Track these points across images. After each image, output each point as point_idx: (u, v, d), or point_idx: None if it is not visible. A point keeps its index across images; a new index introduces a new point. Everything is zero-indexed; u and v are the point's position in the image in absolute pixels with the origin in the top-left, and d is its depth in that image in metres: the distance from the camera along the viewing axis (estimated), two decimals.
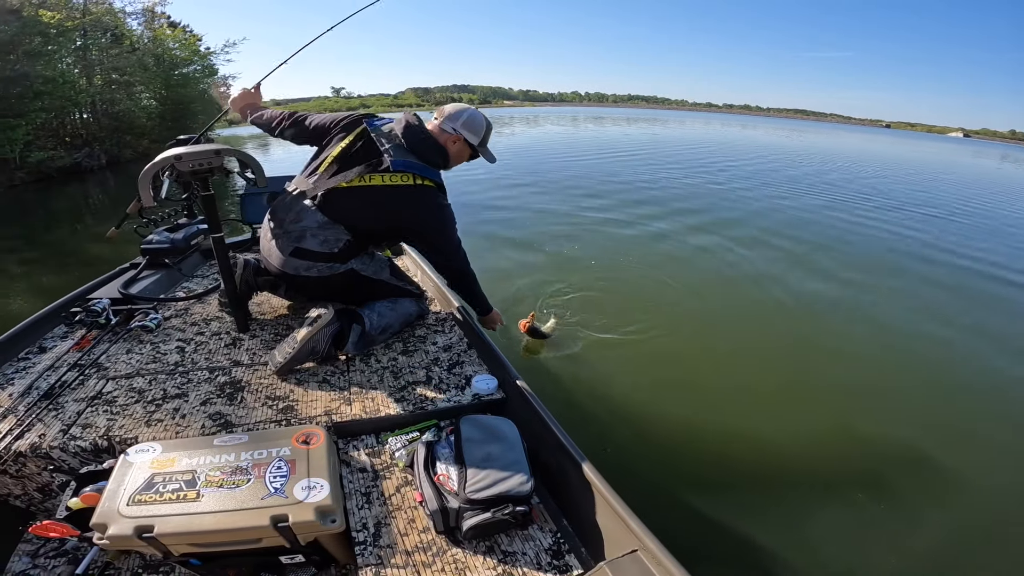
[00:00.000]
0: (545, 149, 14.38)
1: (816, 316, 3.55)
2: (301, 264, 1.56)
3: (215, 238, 1.54)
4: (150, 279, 2.04)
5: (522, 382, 1.33)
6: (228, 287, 1.62)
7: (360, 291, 1.67)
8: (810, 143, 25.35)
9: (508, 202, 6.62)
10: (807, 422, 2.34)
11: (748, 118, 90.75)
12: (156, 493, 0.94)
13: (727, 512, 1.77)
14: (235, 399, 1.33)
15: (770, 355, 2.95)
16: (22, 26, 12.37)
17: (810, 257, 4.88)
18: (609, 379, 2.51)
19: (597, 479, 1.01)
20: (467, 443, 1.10)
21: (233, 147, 1.49)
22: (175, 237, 2.22)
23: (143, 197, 1.41)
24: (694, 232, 5.55)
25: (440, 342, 1.67)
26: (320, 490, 0.95)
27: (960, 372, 2.96)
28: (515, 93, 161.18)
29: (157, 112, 17.97)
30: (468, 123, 1.63)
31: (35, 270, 5.15)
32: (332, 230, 1.53)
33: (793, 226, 6.11)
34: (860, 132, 59.09)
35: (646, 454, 2.03)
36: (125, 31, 17.53)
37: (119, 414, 1.27)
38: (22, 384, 1.38)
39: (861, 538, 1.72)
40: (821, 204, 7.80)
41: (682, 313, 3.44)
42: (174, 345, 1.61)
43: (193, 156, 1.38)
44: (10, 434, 1.17)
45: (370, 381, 1.44)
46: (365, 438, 1.28)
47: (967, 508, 1.93)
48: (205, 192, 1.51)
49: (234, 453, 1.02)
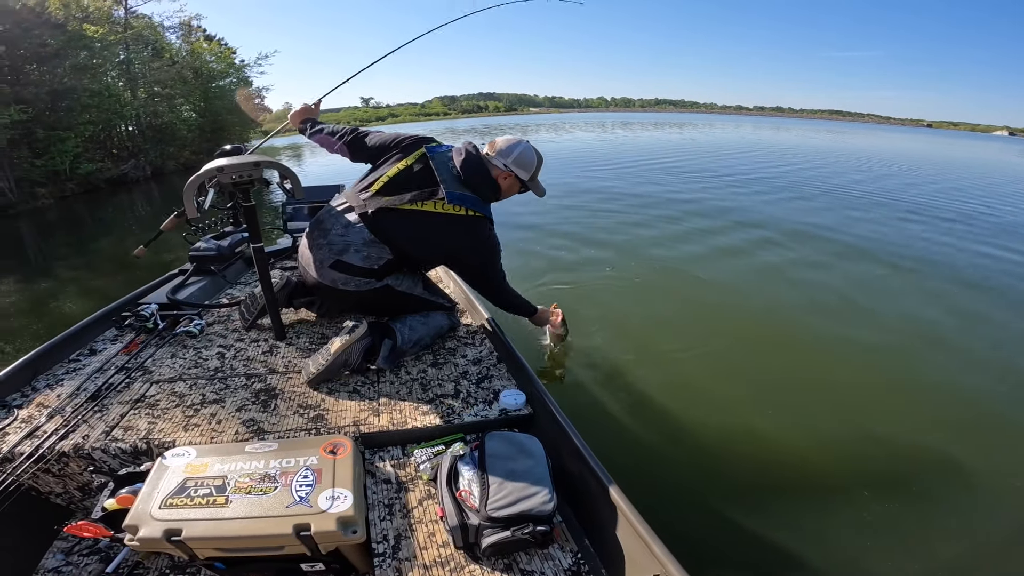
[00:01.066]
0: (581, 157, 14.07)
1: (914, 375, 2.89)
2: (339, 277, 1.58)
3: (255, 248, 1.60)
4: (196, 285, 2.12)
5: (550, 398, 1.33)
6: (267, 295, 1.67)
7: (393, 305, 1.69)
8: (855, 145, 24.15)
9: (548, 218, 6.42)
10: (859, 458, 2.14)
11: (781, 120, 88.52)
12: (187, 497, 0.97)
13: (755, 541, 1.69)
14: (269, 406, 1.37)
15: (828, 391, 2.64)
16: (67, 40, 13.07)
17: (908, 286, 4.25)
18: (640, 397, 2.43)
19: (621, 499, 0.99)
20: (491, 459, 1.10)
21: (272, 159, 1.55)
22: (221, 244, 2.31)
23: (188, 208, 1.48)
24: (742, 247, 5.14)
25: (470, 355, 1.67)
26: (343, 500, 0.96)
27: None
28: (541, 100, 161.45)
29: (196, 124, 18.70)
30: (519, 160, 1.65)
31: (84, 276, 5.44)
32: (376, 248, 1.56)
33: (871, 244, 5.39)
34: (901, 132, 56.59)
35: (674, 476, 1.96)
36: (164, 44, 18.38)
37: (159, 418, 1.31)
38: (71, 385, 1.45)
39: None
40: (894, 216, 6.91)
41: (726, 333, 3.22)
42: (215, 351, 1.67)
43: (234, 168, 1.44)
44: (55, 434, 1.22)
45: (399, 392, 1.45)
46: (391, 449, 1.29)
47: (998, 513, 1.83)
48: (246, 203, 1.57)
49: (264, 460, 1.05)
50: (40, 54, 12.33)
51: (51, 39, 12.49)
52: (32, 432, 1.24)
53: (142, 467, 1.12)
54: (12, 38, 11.43)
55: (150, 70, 16.87)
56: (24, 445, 1.20)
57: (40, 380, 1.50)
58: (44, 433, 1.23)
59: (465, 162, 1.60)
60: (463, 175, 1.58)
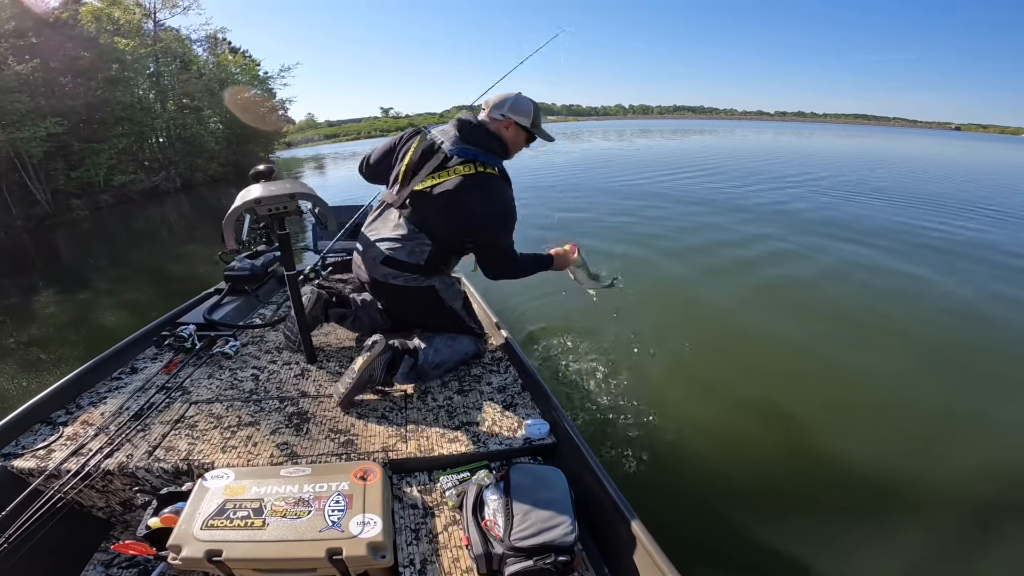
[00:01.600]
0: (598, 167, 13.97)
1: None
2: (390, 272, 1.66)
3: (289, 275, 1.64)
4: (231, 305, 2.19)
5: (572, 428, 1.34)
6: (300, 321, 1.71)
7: (432, 313, 1.74)
8: (887, 150, 23.66)
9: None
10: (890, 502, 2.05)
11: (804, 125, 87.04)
12: (227, 519, 1.02)
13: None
14: (301, 430, 1.41)
15: (872, 427, 2.51)
16: (99, 52, 13.51)
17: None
18: (665, 427, 2.40)
19: (641, 530, 1.01)
20: (516, 490, 1.12)
21: (307, 191, 1.58)
22: (255, 264, 2.37)
23: (227, 240, 1.55)
24: (779, 261, 5.00)
25: (495, 382, 1.70)
26: (373, 526, 1.00)
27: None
28: (558, 108, 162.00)
29: (223, 136, 19.20)
30: (515, 107, 1.64)
31: (119, 288, 5.62)
32: (418, 241, 1.63)
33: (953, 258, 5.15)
34: (929, 136, 54.91)
35: (693, 505, 1.95)
36: (192, 57, 18.94)
37: (199, 439, 1.36)
38: (114, 403, 1.51)
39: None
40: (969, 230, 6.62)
41: (751, 359, 3.12)
42: (249, 372, 1.72)
43: (271, 200, 1.50)
44: (100, 452, 1.27)
45: (426, 419, 1.48)
46: (418, 475, 1.31)
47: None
48: (281, 231, 1.62)
49: (298, 485, 1.09)
50: (74, 67, 12.79)
51: (84, 52, 12.97)
52: (78, 449, 1.29)
53: (183, 487, 1.17)
54: (46, 51, 11.83)
55: (178, 82, 17.40)
56: (71, 462, 1.24)
57: (84, 397, 1.55)
58: (90, 451, 1.28)
59: (460, 125, 1.63)
60: (461, 135, 1.61)
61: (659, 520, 1.14)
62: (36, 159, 10.99)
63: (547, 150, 17.48)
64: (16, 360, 3.72)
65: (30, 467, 1.25)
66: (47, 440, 1.35)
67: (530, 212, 6.75)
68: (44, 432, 1.39)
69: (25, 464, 1.25)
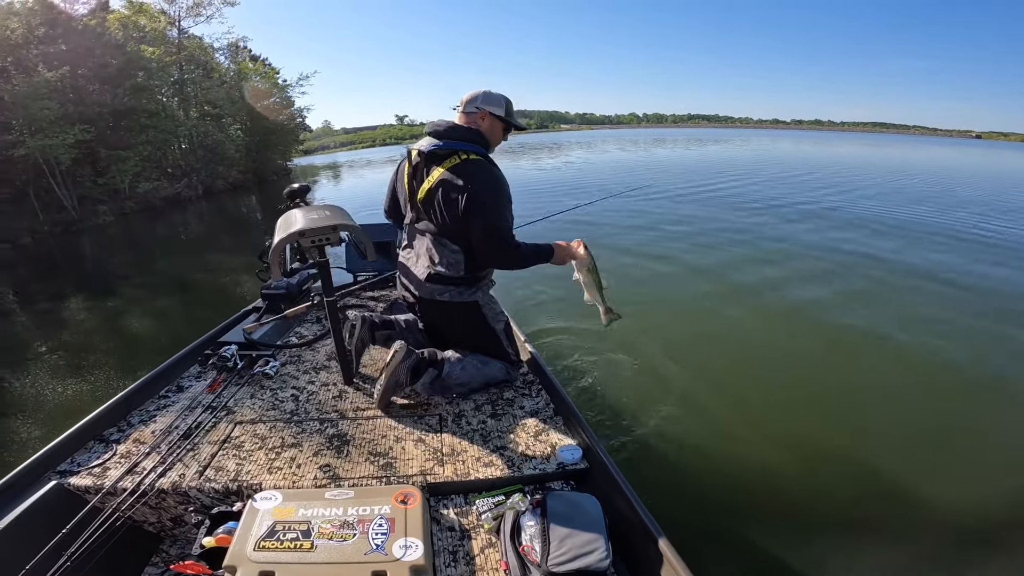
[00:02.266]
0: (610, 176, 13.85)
1: None
2: (436, 288, 1.71)
3: (328, 301, 1.70)
4: (269, 324, 2.23)
5: (605, 453, 1.36)
6: (338, 344, 1.76)
7: (474, 331, 1.79)
8: (917, 159, 23.09)
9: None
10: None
11: (821, 133, 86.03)
12: (277, 540, 1.05)
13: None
14: (342, 452, 1.46)
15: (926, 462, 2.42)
16: (127, 60, 13.83)
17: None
18: (700, 451, 2.38)
19: (672, 556, 1.03)
20: (552, 517, 1.15)
21: (350, 223, 1.63)
22: (291, 283, 2.43)
23: (274, 272, 1.62)
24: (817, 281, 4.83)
25: (527, 406, 1.72)
26: (415, 550, 1.03)
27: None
28: (572, 117, 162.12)
29: (243, 143, 19.52)
30: (487, 99, 1.71)
31: (147, 296, 5.79)
32: (449, 251, 1.68)
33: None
34: (949, 144, 53.81)
35: (725, 529, 1.96)
36: (214, 64, 19.34)
37: (245, 459, 1.42)
38: (163, 422, 1.57)
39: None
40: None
41: (800, 385, 3.07)
42: (289, 393, 1.78)
43: (314, 232, 1.56)
44: (154, 471, 1.33)
45: (461, 443, 1.51)
46: (455, 498, 1.34)
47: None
48: (321, 259, 1.67)
49: (342, 508, 1.14)
50: (102, 74, 13.10)
51: (112, 59, 13.26)
52: (132, 468, 1.35)
53: (234, 507, 1.23)
54: (75, 58, 12.16)
55: (201, 90, 17.72)
56: (126, 480, 1.30)
57: (134, 415, 1.61)
58: (143, 469, 1.34)
59: (433, 130, 1.70)
60: (437, 137, 1.68)
61: (691, 544, 1.17)
62: (64, 165, 11.27)
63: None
64: (50, 365, 3.84)
65: (86, 484, 1.31)
66: (101, 458, 1.40)
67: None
68: (98, 450, 1.45)
69: (81, 482, 1.31)
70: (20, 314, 5.44)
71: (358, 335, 1.81)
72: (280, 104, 22.41)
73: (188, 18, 17.29)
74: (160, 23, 16.25)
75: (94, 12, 14.34)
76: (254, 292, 5.00)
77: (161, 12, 16.39)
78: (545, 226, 3.91)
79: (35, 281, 6.93)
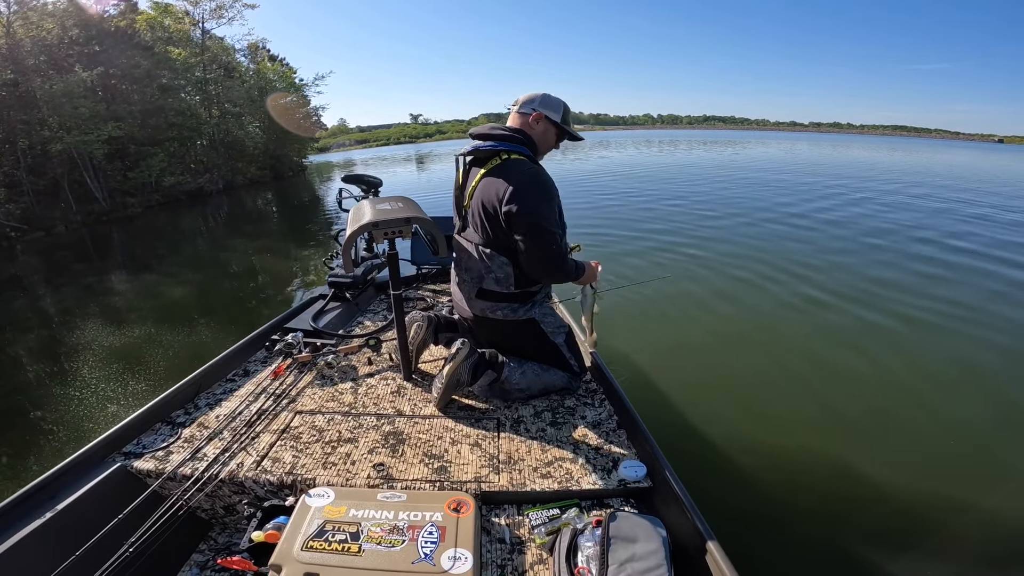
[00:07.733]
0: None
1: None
2: (487, 305, 1.63)
3: (395, 295, 1.66)
4: (333, 312, 2.23)
5: (672, 472, 1.25)
6: (400, 339, 1.73)
7: (532, 347, 1.70)
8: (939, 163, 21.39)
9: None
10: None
11: (841, 137, 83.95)
12: (326, 541, 1.04)
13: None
14: (397, 451, 1.42)
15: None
16: (156, 61, 14.32)
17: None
18: (782, 479, 2.19)
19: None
20: (613, 540, 1.09)
21: (423, 216, 1.58)
22: (356, 272, 2.41)
23: (346, 265, 1.63)
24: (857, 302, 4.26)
25: (589, 416, 1.62)
26: (464, 562, 1.00)
27: None
28: (586, 117, 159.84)
29: (261, 140, 19.88)
30: (545, 101, 1.60)
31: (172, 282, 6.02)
32: (496, 261, 1.57)
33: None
34: (972, 148, 51.90)
35: (798, 557, 1.83)
36: (235, 64, 19.64)
37: (302, 452, 1.39)
38: (228, 407, 1.58)
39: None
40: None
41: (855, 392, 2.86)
42: (348, 384, 1.76)
43: (387, 224, 1.52)
44: (217, 461, 1.33)
45: (518, 451, 1.44)
46: (507, 508, 1.28)
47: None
48: (391, 251, 1.64)
49: (393, 511, 1.11)
50: (132, 75, 13.54)
51: (142, 60, 13.72)
52: (195, 454, 1.35)
53: (287, 502, 1.25)
54: (107, 59, 12.62)
55: (223, 89, 18.05)
56: (187, 467, 1.31)
57: (202, 398, 1.63)
58: (204, 456, 1.35)
59: (477, 134, 1.62)
60: (482, 135, 1.61)
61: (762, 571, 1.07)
62: (98, 160, 11.72)
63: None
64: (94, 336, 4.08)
65: (148, 468, 1.31)
66: (167, 441, 1.42)
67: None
68: (164, 432, 1.46)
69: (144, 465, 1.32)
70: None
71: (423, 336, 1.78)
72: (296, 103, 22.55)
73: (212, 20, 17.56)
74: (184, 24, 16.55)
75: (124, 13, 14.70)
76: (310, 280, 5.01)
77: (185, 13, 16.69)
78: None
79: (82, 261, 7.40)
